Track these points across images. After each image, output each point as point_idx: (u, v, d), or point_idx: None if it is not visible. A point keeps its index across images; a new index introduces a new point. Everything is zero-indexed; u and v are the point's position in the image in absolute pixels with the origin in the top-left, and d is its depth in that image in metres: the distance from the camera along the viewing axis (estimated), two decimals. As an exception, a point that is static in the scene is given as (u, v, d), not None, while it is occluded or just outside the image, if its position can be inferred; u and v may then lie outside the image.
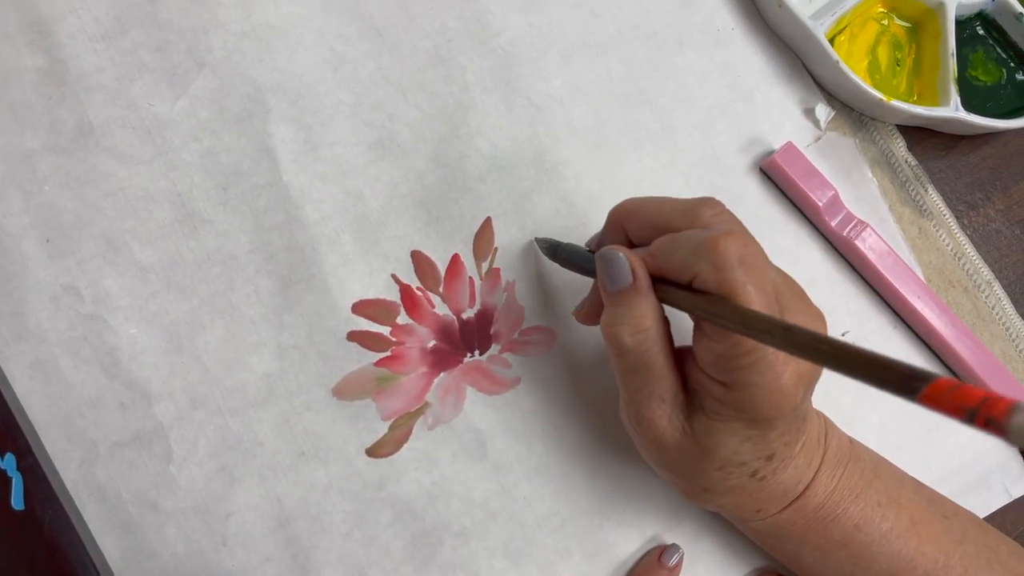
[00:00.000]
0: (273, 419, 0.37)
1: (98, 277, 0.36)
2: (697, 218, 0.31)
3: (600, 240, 0.36)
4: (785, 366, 0.29)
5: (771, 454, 0.31)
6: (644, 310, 0.31)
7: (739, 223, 0.31)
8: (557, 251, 0.37)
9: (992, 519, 0.43)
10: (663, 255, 0.30)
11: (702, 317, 0.29)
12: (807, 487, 0.33)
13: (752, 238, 0.30)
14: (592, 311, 0.35)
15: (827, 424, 0.36)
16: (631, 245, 0.33)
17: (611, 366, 0.33)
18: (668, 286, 0.31)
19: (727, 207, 0.32)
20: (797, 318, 0.31)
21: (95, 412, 0.35)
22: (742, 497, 0.33)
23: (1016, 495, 0.43)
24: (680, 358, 0.32)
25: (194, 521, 0.36)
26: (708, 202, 0.31)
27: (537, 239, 0.40)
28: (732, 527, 0.39)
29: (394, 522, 0.37)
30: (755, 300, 0.28)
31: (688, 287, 0.30)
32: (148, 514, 0.35)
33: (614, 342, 0.31)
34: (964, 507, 0.38)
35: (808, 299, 0.32)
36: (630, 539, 0.39)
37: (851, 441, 0.36)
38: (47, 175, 0.37)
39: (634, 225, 0.33)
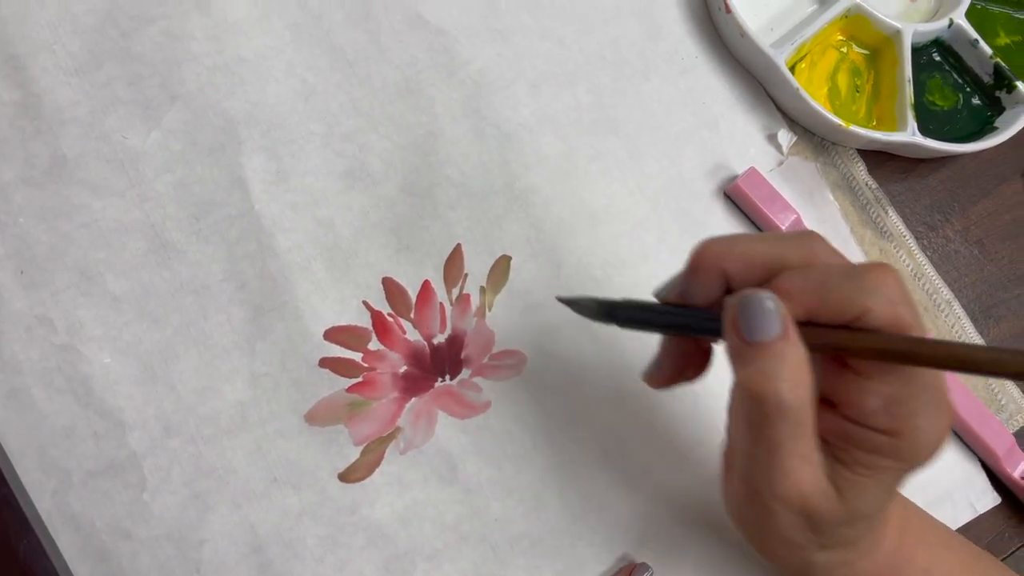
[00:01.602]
0: (246, 446, 0.37)
1: (72, 308, 0.37)
2: (813, 252, 0.28)
3: (686, 289, 0.30)
4: (942, 404, 0.27)
5: (887, 500, 0.29)
6: (801, 360, 0.27)
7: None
8: (614, 313, 0.32)
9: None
10: (808, 293, 0.27)
11: (872, 357, 0.26)
12: (883, 530, 0.32)
13: None
14: (672, 372, 0.32)
15: None
16: (726, 291, 0.29)
17: (741, 425, 0.29)
18: (818, 328, 0.27)
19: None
20: None
21: (69, 441, 0.36)
22: (850, 551, 0.30)
23: (982, 510, 0.44)
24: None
25: (168, 549, 0.36)
26: (815, 234, 0.29)
27: (572, 301, 0.33)
28: (703, 546, 0.40)
29: (367, 546, 0.38)
30: (929, 334, 0.27)
31: (843, 327, 0.27)
32: (122, 542, 0.36)
33: (770, 402, 0.26)
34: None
35: None
36: (601, 559, 0.40)
37: (904, 506, 0.35)
38: (21, 207, 0.37)
39: (738, 265, 0.29)
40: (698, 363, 0.33)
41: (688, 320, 0.30)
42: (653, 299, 0.32)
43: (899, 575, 0.32)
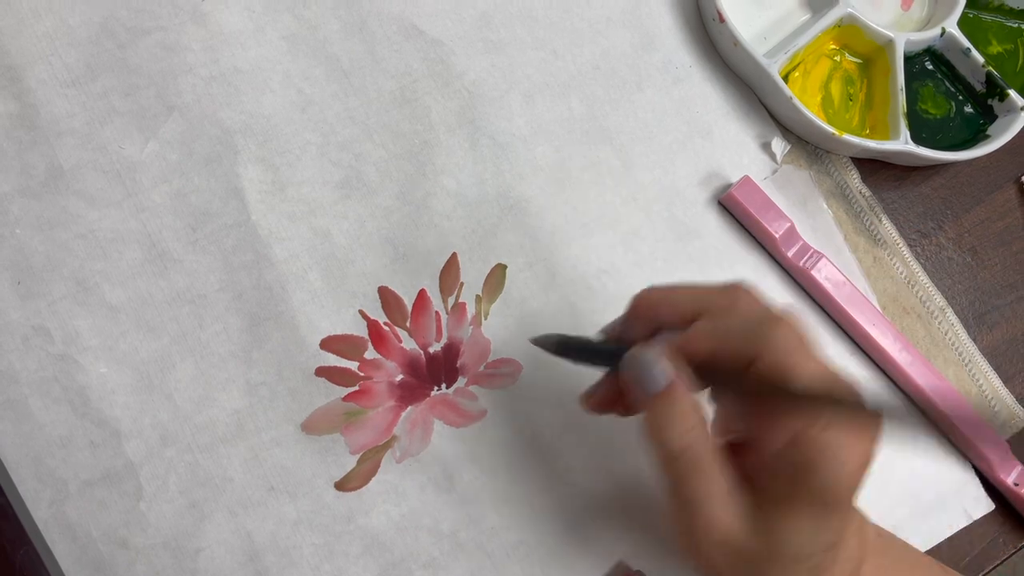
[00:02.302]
0: (242, 455, 0.37)
1: (68, 318, 0.37)
2: (737, 300, 0.30)
3: (623, 330, 0.34)
4: (857, 438, 0.28)
5: (833, 543, 0.29)
6: (687, 407, 0.29)
7: (775, 305, 0.31)
8: (566, 347, 0.35)
9: (950, 541, 0.44)
10: (713, 339, 0.29)
11: (769, 396, 0.28)
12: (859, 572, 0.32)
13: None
14: (605, 399, 0.34)
15: (860, 511, 0.34)
16: (656, 331, 0.33)
17: (657, 474, 0.31)
18: (718, 372, 0.30)
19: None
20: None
21: (65, 451, 0.36)
22: None
23: (976, 516, 0.45)
24: (730, 451, 0.31)
25: (164, 557, 0.36)
26: (744, 285, 0.31)
27: (535, 340, 0.36)
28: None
29: (363, 554, 0.38)
30: (823, 374, 0.28)
31: (740, 371, 0.29)
32: (119, 552, 0.36)
33: (662, 448, 0.29)
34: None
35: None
36: (596, 566, 0.40)
37: (879, 531, 0.36)
38: (18, 218, 0.37)
39: (667, 312, 0.32)
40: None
41: (610, 361, 0.33)
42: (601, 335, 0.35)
43: None
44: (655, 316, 0.32)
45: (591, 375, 0.37)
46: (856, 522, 0.31)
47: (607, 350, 0.34)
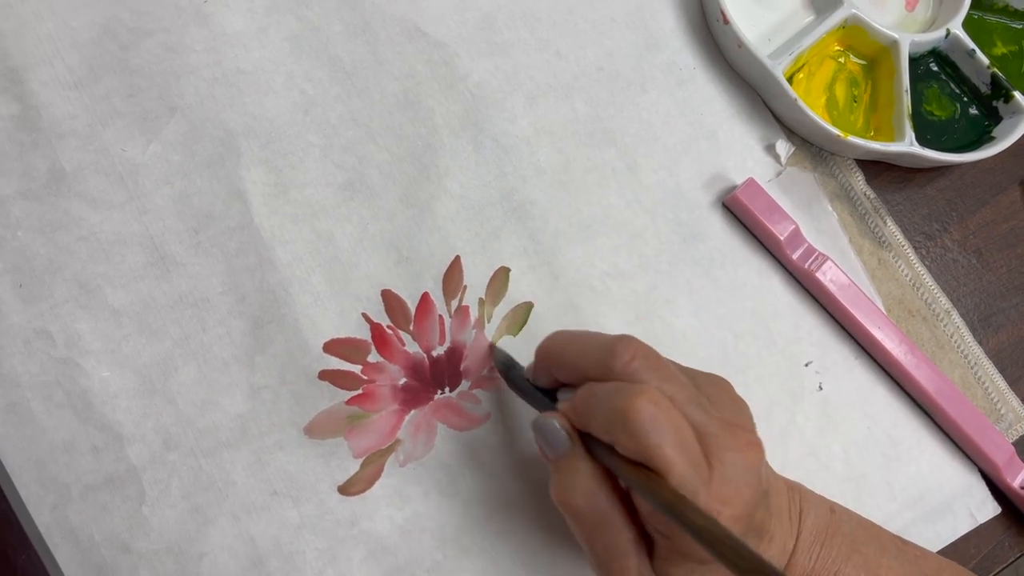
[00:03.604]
0: (246, 459, 0.37)
1: (71, 321, 0.37)
2: (610, 370, 0.30)
3: (534, 377, 0.35)
4: (721, 493, 0.28)
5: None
6: (587, 471, 0.30)
7: (653, 362, 0.31)
8: (510, 372, 0.37)
9: (956, 544, 0.44)
10: (585, 414, 0.30)
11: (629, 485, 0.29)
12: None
13: (667, 375, 0.30)
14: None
15: (802, 498, 0.35)
16: (554, 385, 0.34)
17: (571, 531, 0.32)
18: (596, 444, 0.30)
19: (641, 345, 0.31)
20: (726, 456, 0.29)
21: (68, 455, 0.36)
22: None
23: (982, 520, 0.44)
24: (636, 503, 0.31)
25: (167, 562, 0.36)
26: (619, 349, 0.30)
27: (497, 349, 0.39)
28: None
29: (367, 559, 0.38)
30: (676, 462, 0.27)
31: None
32: (121, 556, 0.36)
33: (568, 508, 0.31)
34: (946, 560, 0.38)
35: (736, 414, 0.32)
36: (601, 571, 0.40)
37: (832, 510, 0.36)
38: (20, 220, 0.37)
39: (560, 371, 0.33)
40: None
41: (534, 401, 0.35)
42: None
43: None
44: (554, 369, 0.33)
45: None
46: (780, 519, 0.33)
47: (529, 393, 0.36)
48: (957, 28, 0.47)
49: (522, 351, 0.40)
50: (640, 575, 0.30)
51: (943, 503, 0.44)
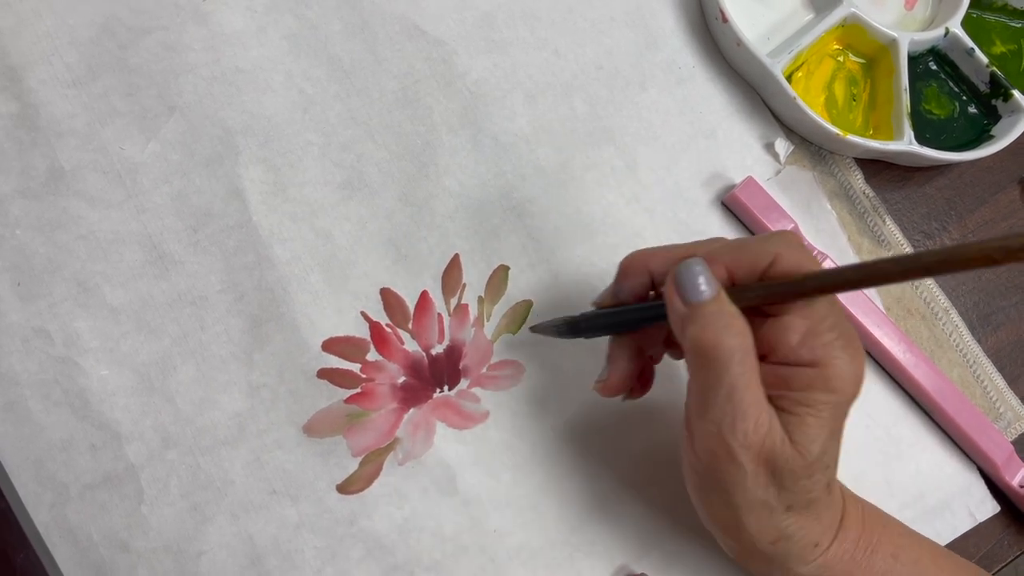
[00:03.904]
0: (244, 457, 0.37)
1: (69, 319, 0.37)
2: (717, 241, 0.33)
3: (615, 292, 0.35)
4: (854, 341, 0.31)
5: (837, 457, 0.32)
6: (735, 312, 0.30)
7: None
8: (576, 327, 0.36)
9: (955, 543, 0.44)
10: (728, 253, 0.31)
11: (794, 297, 0.30)
12: (843, 516, 0.34)
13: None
14: (621, 381, 0.35)
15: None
16: (646, 293, 0.34)
17: (699, 388, 0.31)
18: (741, 287, 0.31)
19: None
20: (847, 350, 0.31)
21: (66, 454, 0.36)
22: (811, 518, 0.32)
23: (981, 519, 0.44)
24: None
25: (166, 561, 0.36)
26: (721, 238, 0.33)
27: (537, 327, 0.39)
28: (702, 558, 0.40)
29: (365, 557, 0.37)
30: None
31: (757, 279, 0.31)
32: (120, 555, 0.35)
33: (722, 349, 0.29)
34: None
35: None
36: (599, 570, 0.40)
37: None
38: (19, 219, 0.37)
39: (660, 262, 0.33)
40: (642, 380, 0.37)
41: (635, 314, 0.34)
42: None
43: (869, 562, 0.34)
44: (647, 269, 0.34)
45: (593, 377, 0.37)
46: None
47: (616, 312, 0.35)
48: (956, 27, 0.47)
49: (521, 350, 0.40)
50: (771, 426, 0.30)
51: (942, 502, 0.44)
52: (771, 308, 0.31)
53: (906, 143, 0.44)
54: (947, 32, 0.47)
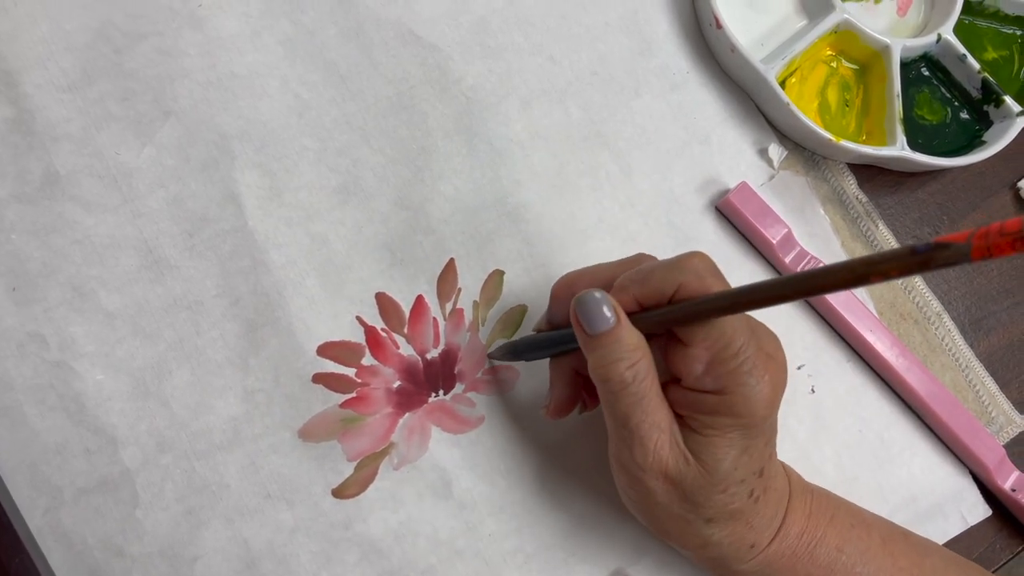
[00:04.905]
0: (239, 462, 0.37)
1: (64, 324, 0.37)
2: (641, 261, 0.34)
3: (550, 316, 0.37)
4: (767, 364, 0.31)
5: (761, 468, 0.33)
6: (634, 341, 0.31)
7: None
8: (516, 349, 0.38)
9: (947, 546, 0.44)
10: (635, 283, 0.32)
11: (692, 320, 0.30)
12: (786, 513, 0.34)
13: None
14: (562, 403, 0.37)
15: (782, 462, 0.37)
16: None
17: (605, 412, 0.33)
18: (647, 312, 0.32)
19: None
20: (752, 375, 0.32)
21: (60, 458, 0.36)
22: (740, 525, 0.33)
23: (973, 522, 0.45)
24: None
25: (161, 566, 0.36)
26: (644, 254, 0.34)
27: (492, 354, 0.40)
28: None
29: (360, 561, 0.38)
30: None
31: (664, 305, 0.31)
32: (114, 560, 0.35)
33: (613, 381, 0.31)
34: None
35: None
36: (593, 574, 0.40)
37: (806, 482, 0.37)
38: (14, 223, 0.37)
39: (586, 283, 0.34)
40: (592, 393, 0.37)
41: (559, 338, 0.36)
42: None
43: (811, 556, 0.35)
44: (572, 293, 0.34)
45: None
46: (777, 459, 0.35)
47: (547, 337, 0.36)
48: (948, 33, 0.47)
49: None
50: (672, 450, 0.31)
51: (934, 505, 0.44)
52: (681, 335, 0.31)
53: (899, 148, 0.45)
54: (939, 38, 0.47)
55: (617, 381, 0.31)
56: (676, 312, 0.31)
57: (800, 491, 0.36)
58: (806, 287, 0.27)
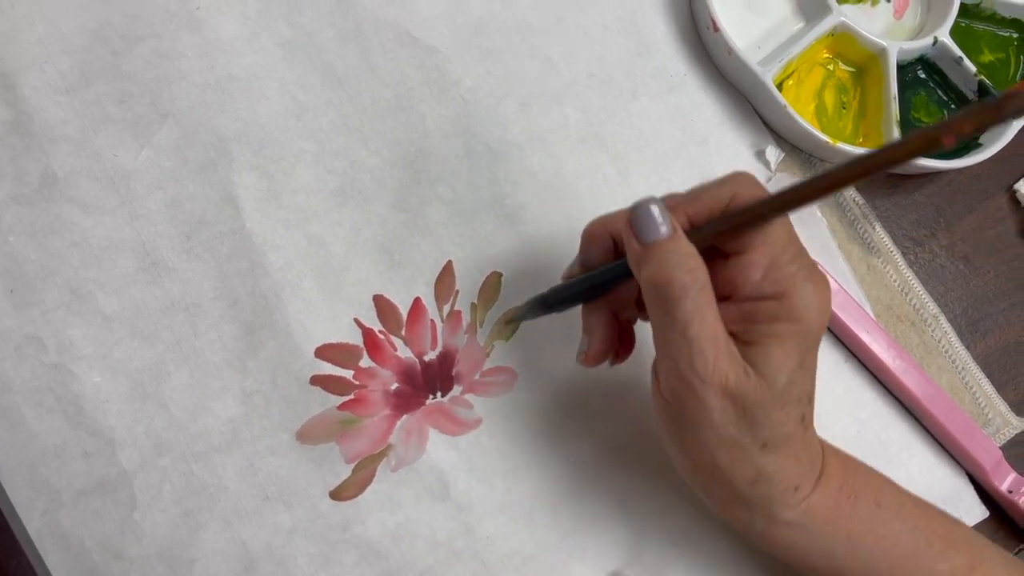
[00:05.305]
0: (237, 464, 0.37)
1: (62, 327, 0.37)
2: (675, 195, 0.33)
3: (582, 260, 0.36)
4: (819, 273, 0.31)
5: (811, 393, 0.32)
6: (691, 251, 0.30)
7: None
8: (547, 302, 0.37)
9: (944, 547, 0.44)
10: (685, 203, 0.32)
11: (754, 223, 0.30)
12: (823, 462, 0.34)
13: None
14: (601, 346, 0.35)
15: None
16: (612, 257, 0.35)
17: (657, 329, 0.31)
18: (701, 228, 0.32)
19: None
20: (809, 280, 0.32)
21: (59, 460, 0.36)
22: (790, 457, 0.32)
23: (970, 523, 0.45)
24: None
25: (159, 568, 0.36)
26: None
27: (513, 317, 0.40)
28: (695, 563, 0.40)
29: (359, 563, 0.38)
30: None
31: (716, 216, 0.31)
32: (113, 562, 0.35)
33: (674, 285, 0.30)
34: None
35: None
36: (592, 575, 0.40)
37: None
38: (11, 226, 0.37)
39: (620, 223, 0.33)
40: (624, 342, 0.37)
41: (598, 276, 0.34)
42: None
43: (853, 509, 0.34)
44: (608, 232, 0.34)
45: (586, 384, 0.37)
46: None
47: (582, 279, 0.35)
48: (945, 36, 0.47)
49: (514, 356, 0.41)
50: (731, 361, 0.30)
51: (931, 507, 0.44)
52: (731, 247, 0.31)
53: (895, 151, 0.45)
54: (936, 41, 0.47)
55: (678, 286, 0.30)
56: (738, 217, 0.30)
57: (831, 447, 0.35)
58: (882, 160, 0.26)
